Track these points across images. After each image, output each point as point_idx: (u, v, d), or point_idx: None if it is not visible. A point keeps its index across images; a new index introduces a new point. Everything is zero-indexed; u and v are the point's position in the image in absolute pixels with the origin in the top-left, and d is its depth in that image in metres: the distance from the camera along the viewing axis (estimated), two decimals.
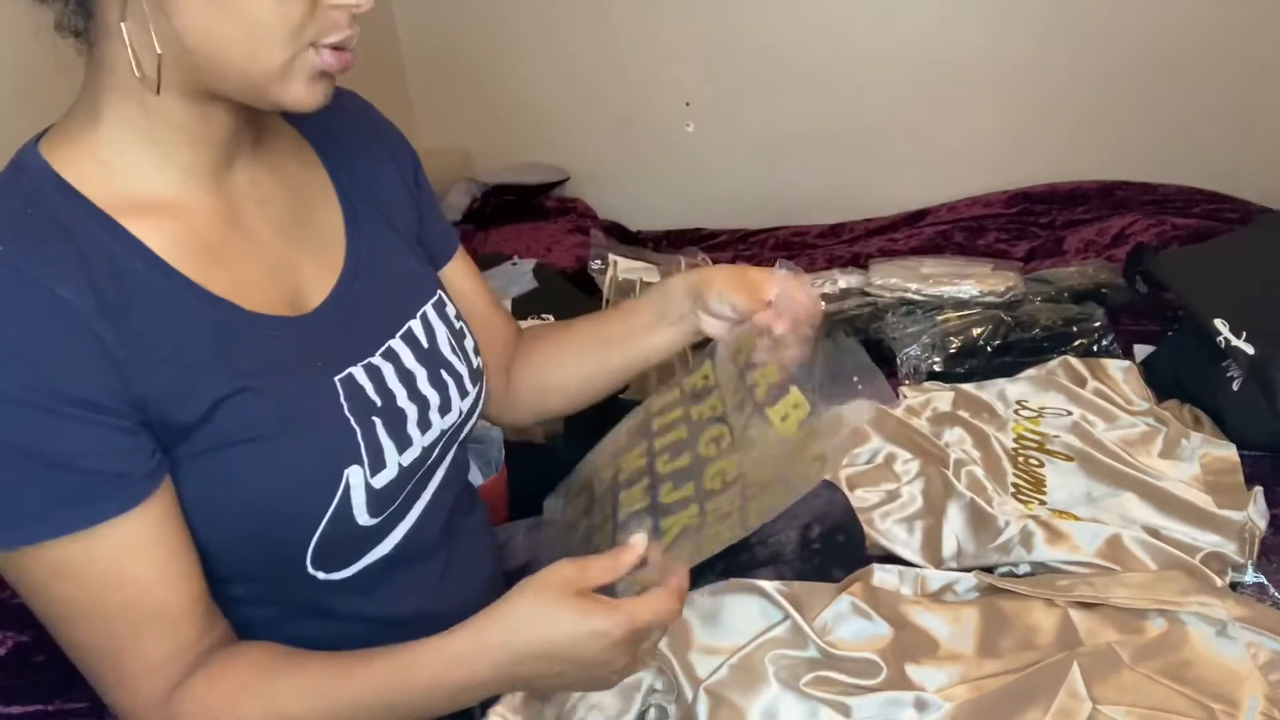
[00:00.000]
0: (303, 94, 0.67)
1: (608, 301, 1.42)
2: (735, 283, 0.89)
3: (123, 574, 0.65)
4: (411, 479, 0.77)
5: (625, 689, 0.86)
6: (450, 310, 0.86)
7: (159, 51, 0.64)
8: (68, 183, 0.66)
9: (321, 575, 0.73)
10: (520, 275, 1.84)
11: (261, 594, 0.74)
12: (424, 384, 0.80)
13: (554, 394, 1.00)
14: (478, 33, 2.24)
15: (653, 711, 0.87)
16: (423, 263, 0.88)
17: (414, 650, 0.69)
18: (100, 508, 0.63)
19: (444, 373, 0.82)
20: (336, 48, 0.67)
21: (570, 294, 1.85)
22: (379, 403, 0.75)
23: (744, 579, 0.95)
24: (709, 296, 0.89)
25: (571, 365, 0.98)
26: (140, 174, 0.68)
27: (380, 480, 0.73)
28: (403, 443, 0.76)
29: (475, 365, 0.86)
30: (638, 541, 0.72)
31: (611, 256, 1.89)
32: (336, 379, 0.73)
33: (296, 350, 0.72)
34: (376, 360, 0.77)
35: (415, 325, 0.82)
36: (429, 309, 0.84)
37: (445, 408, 0.81)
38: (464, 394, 0.83)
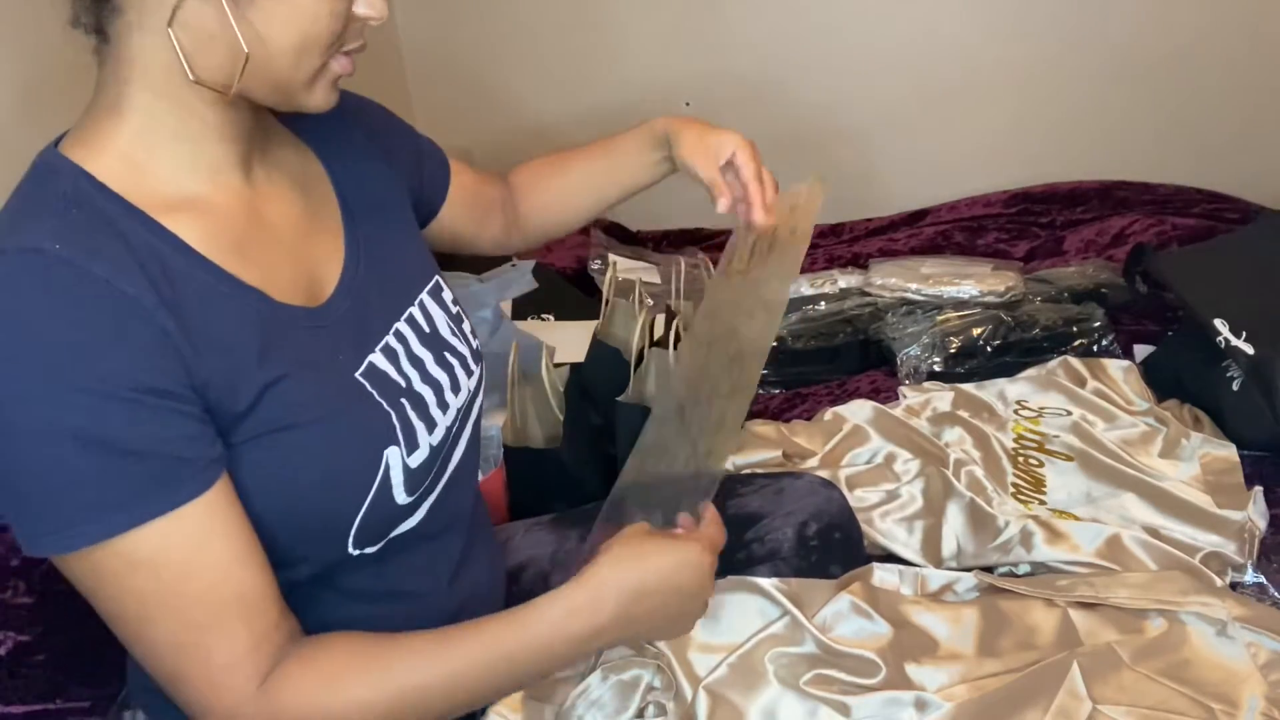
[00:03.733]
0: (323, 98, 0.71)
1: (607, 302, 1.42)
2: (695, 149, 0.98)
3: (200, 559, 0.65)
4: (439, 457, 0.80)
5: (624, 687, 0.87)
6: (446, 295, 0.89)
7: (246, 51, 0.65)
8: (100, 181, 0.66)
9: (357, 553, 0.74)
10: (520, 276, 1.84)
11: (297, 578, 0.75)
12: (432, 367, 0.82)
13: (555, 222, 1.11)
14: (478, 33, 2.24)
15: (651, 709, 0.87)
16: (419, 249, 0.90)
17: (529, 608, 0.72)
18: (177, 493, 0.63)
19: (448, 355, 0.84)
20: (349, 54, 0.71)
21: (570, 294, 1.85)
22: (403, 384, 0.78)
23: (742, 577, 0.95)
24: (674, 147, 1.00)
25: (571, 201, 1.09)
26: (170, 172, 0.69)
27: (415, 460, 0.76)
28: (429, 423, 0.79)
29: (475, 346, 0.89)
30: (685, 520, 0.81)
31: (611, 256, 1.89)
32: (359, 368, 0.76)
33: (321, 340, 0.74)
34: (391, 341, 0.80)
35: (415, 312, 0.84)
36: (425, 296, 0.86)
37: (455, 387, 0.84)
38: (469, 373, 0.86)
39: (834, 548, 1.00)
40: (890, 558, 1.19)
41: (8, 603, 1.04)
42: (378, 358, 0.77)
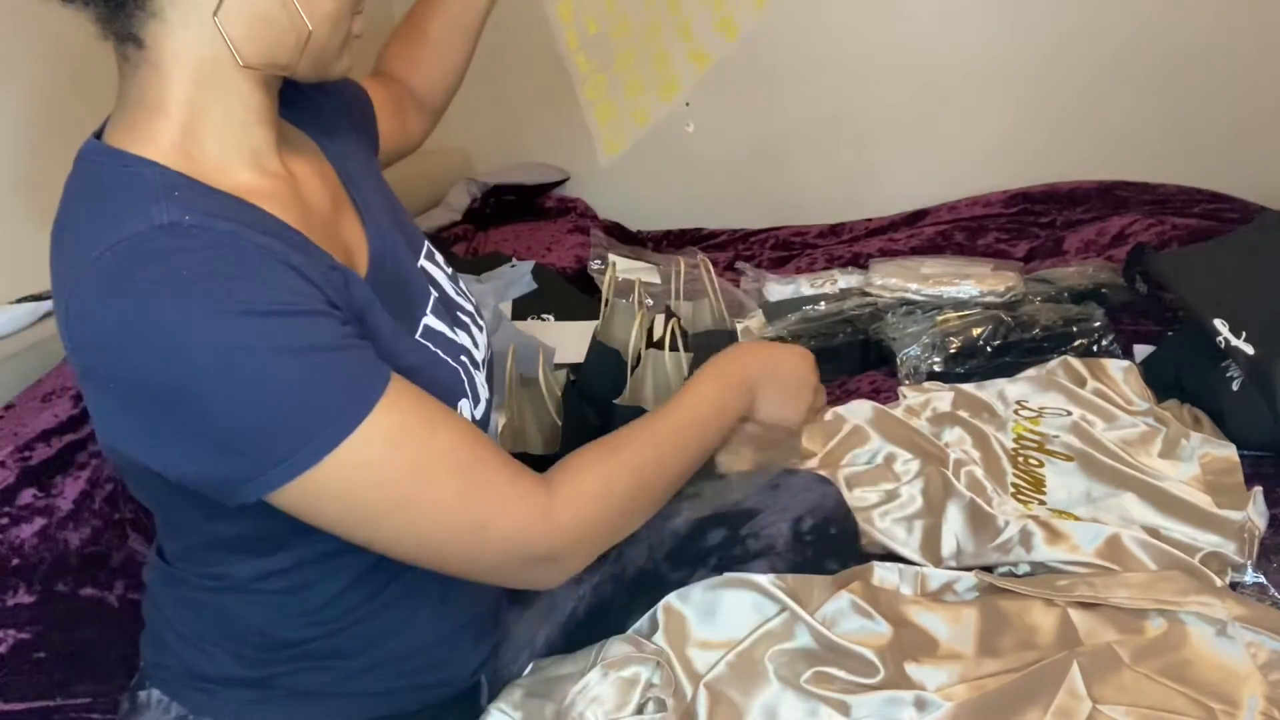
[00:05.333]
0: (346, 62, 0.75)
1: (607, 302, 1.42)
2: None
3: (432, 413, 0.69)
4: (489, 412, 0.85)
5: (624, 684, 0.87)
6: (438, 257, 0.92)
7: (310, 29, 0.68)
8: (173, 170, 0.67)
9: None
10: (519, 276, 1.84)
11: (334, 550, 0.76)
12: (455, 330, 0.85)
13: (448, 82, 1.12)
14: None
15: (651, 706, 0.87)
16: (405, 214, 0.92)
17: (687, 389, 0.86)
18: (382, 366, 0.67)
19: (459, 314, 0.88)
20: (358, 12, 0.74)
21: (570, 294, 1.85)
22: (457, 341, 0.83)
23: (739, 574, 0.95)
24: None
25: (449, 57, 1.10)
26: (222, 162, 0.70)
27: (478, 412, 0.82)
28: (476, 379, 0.83)
29: (474, 301, 0.92)
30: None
31: (611, 256, 1.90)
32: (418, 330, 0.79)
33: (382, 306, 0.76)
34: (434, 303, 0.83)
35: (422, 279, 0.87)
36: (424, 262, 0.88)
37: (475, 344, 0.87)
38: (480, 328, 0.90)
39: (830, 543, 1.01)
40: (890, 557, 1.19)
41: (8, 602, 1.04)
42: (430, 319, 0.81)
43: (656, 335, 1.39)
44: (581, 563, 0.76)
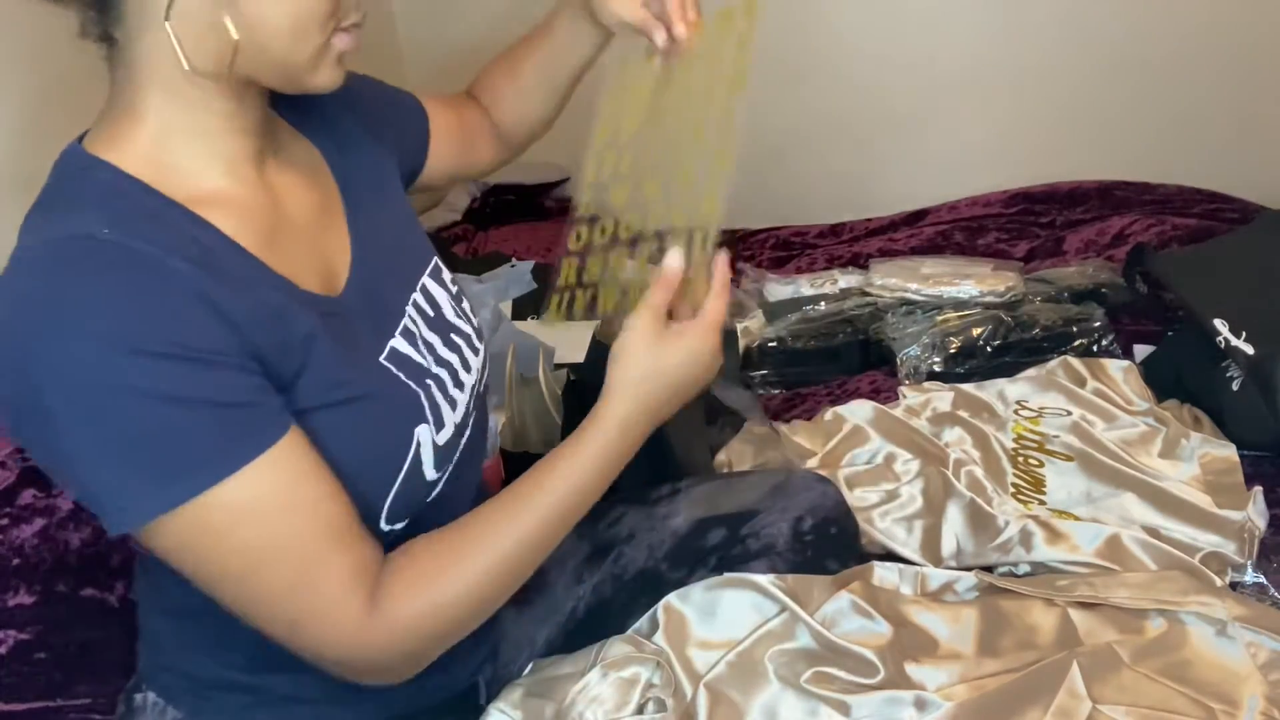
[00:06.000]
0: (329, 76, 0.72)
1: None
2: None
3: (297, 496, 0.66)
4: (462, 435, 0.82)
5: (623, 684, 0.86)
6: (445, 275, 0.90)
7: (236, 37, 0.66)
8: (133, 176, 0.67)
9: (388, 528, 0.76)
10: (519, 276, 1.84)
11: None
12: (443, 350, 0.84)
13: (529, 124, 1.10)
14: (478, 33, 2.24)
15: (651, 706, 0.87)
16: (417, 232, 0.91)
17: (575, 440, 0.78)
18: (263, 435, 0.65)
19: (454, 336, 0.86)
20: (350, 30, 0.71)
21: None
22: (425, 365, 0.80)
23: (739, 574, 0.95)
24: (599, 14, 0.97)
25: (533, 102, 1.08)
26: (192, 169, 0.70)
27: (442, 438, 0.78)
28: (451, 402, 0.81)
29: (476, 325, 0.90)
30: (672, 260, 0.80)
31: None
32: (382, 353, 0.78)
33: (345, 326, 0.75)
34: (408, 324, 0.81)
35: (419, 297, 0.85)
36: (427, 279, 0.87)
37: (465, 367, 0.85)
38: (475, 352, 0.88)
39: (830, 543, 1.00)
40: (890, 557, 1.19)
41: (8, 603, 1.04)
42: (398, 341, 0.79)
43: None
44: (407, 674, 0.74)
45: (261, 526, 0.65)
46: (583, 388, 1.32)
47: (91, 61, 0.70)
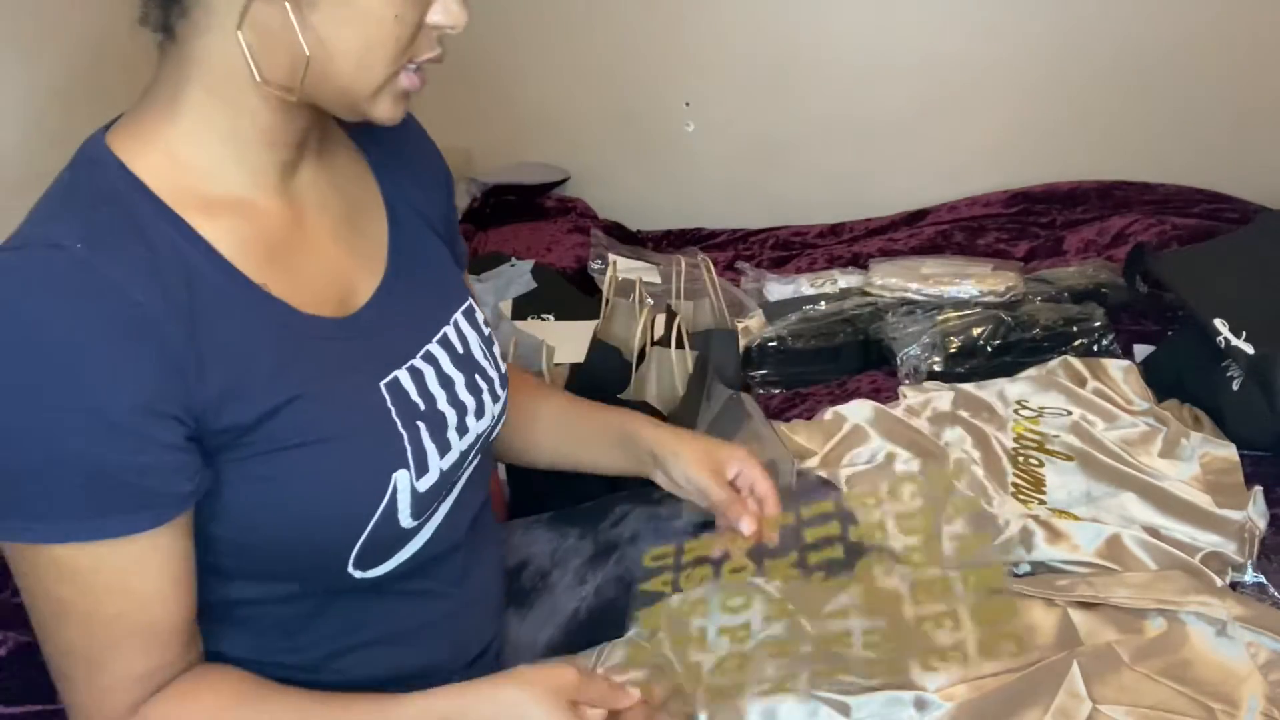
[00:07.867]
0: (389, 110, 0.70)
1: (607, 301, 1.42)
2: (701, 461, 0.90)
3: (125, 587, 0.65)
4: (449, 482, 0.79)
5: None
6: (479, 316, 0.88)
7: (307, 54, 0.65)
8: (138, 178, 0.66)
9: (358, 574, 0.74)
10: (519, 276, 1.84)
11: (294, 593, 0.75)
12: (461, 389, 0.81)
13: (518, 458, 1.03)
14: (478, 33, 2.24)
15: None
16: (454, 271, 0.89)
17: (398, 700, 0.70)
18: (131, 520, 0.64)
19: (478, 378, 0.83)
20: (419, 69, 0.70)
21: (570, 294, 1.85)
22: (422, 406, 0.77)
23: (739, 575, 0.95)
24: (671, 468, 0.91)
25: (538, 459, 1.01)
26: (213, 171, 0.69)
27: (424, 484, 0.75)
28: (443, 447, 0.77)
29: (503, 371, 0.88)
30: (634, 693, 0.75)
31: (611, 256, 1.90)
32: (383, 383, 0.75)
33: (345, 352, 0.73)
34: (418, 363, 0.78)
35: (450, 331, 0.83)
36: (460, 316, 0.85)
37: (480, 412, 0.82)
38: (495, 399, 0.85)
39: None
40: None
41: (8, 602, 1.04)
42: (403, 374, 0.77)
43: (657, 334, 1.39)
44: None
45: (78, 594, 0.64)
46: (584, 386, 1.32)
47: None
